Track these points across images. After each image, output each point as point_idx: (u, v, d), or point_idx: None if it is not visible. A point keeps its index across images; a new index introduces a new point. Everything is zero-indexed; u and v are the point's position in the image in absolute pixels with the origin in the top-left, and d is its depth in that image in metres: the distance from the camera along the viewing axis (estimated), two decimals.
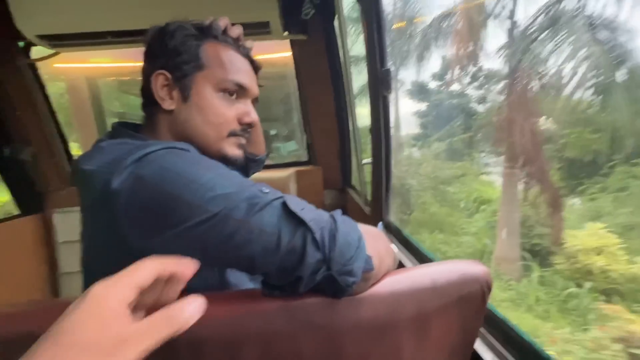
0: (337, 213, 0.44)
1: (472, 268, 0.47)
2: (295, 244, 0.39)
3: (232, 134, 0.57)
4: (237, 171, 0.68)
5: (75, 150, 1.96)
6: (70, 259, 1.67)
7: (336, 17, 1.18)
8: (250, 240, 0.39)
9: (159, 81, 0.54)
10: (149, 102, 0.56)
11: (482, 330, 0.59)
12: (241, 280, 0.55)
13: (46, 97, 1.60)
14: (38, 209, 1.66)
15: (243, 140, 0.59)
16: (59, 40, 1.27)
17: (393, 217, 1.14)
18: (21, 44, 1.47)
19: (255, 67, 0.62)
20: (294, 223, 0.40)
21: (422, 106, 10.67)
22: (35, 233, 1.63)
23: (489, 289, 0.47)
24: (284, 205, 0.41)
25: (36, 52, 1.52)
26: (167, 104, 0.54)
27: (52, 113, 1.64)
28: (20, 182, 1.61)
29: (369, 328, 0.45)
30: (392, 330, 0.46)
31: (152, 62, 0.56)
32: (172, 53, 0.54)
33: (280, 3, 1.27)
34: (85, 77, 2.56)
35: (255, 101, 0.61)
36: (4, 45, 1.43)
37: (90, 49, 1.34)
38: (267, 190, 0.42)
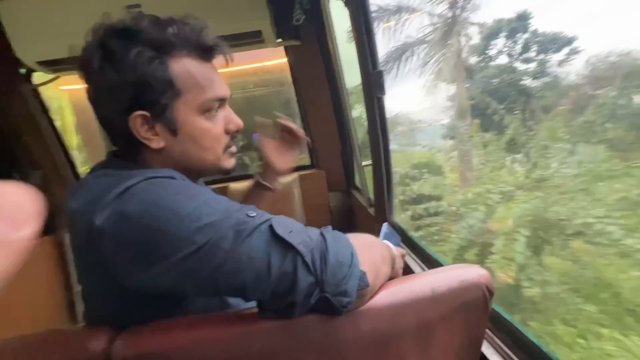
0: (327, 230, 0.43)
1: (472, 273, 0.46)
2: (286, 269, 0.38)
3: (226, 149, 0.55)
4: None
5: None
6: None
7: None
8: (241, 268, 0.38)
9: (138, 122, 0.47)
10: (128, 140, 0.49)
11: (489, 332, 0.58)
12: (241, 300, 0.54)
13: (50, 121, 1.64)
14: (50, 230, 1.69)
15: (234, 149, 0.57)
16: (57, 65, 1.30)
17: (397, 218, 1.13)
18: (23, 71, 1.51)
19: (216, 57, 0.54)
20: (283, 247, 0.39)
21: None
22: (49, 255, 1.67)
23: (491, 293, 0.46)
24: (271, 229, 0.40)
25: (37, 77, 1.56)
26: (156, 143, 0.49)
27: (57, 135, 1.67)
28: None
29: (371, 341, 0.44)
30: (394, 342, 0.45)
31: (114, 99, 0.47)
32: (140, 87, 0.46)
33: (270, 11, 1.27)
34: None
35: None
36: (6, 74, 1.47)
37: None
38: (253, 214, 0.41)
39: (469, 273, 0.47)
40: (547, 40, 7.28)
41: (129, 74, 0.45)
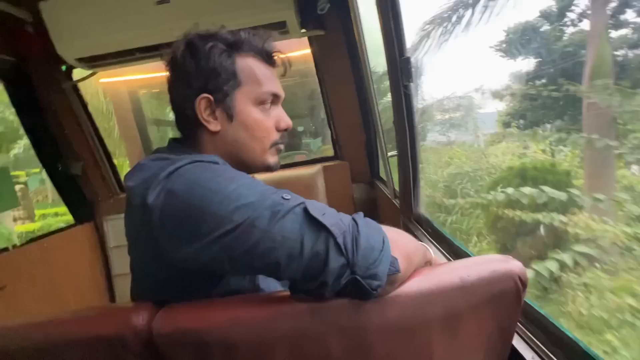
0: (359, 216, 0.44)
1: (504, 264, 0.45)
2: (318, 250, 0.40)
3: (274, 144, 0.59)
4: None
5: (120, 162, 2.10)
6: (121, 262, 1.82)
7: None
8: (275, 247, 0.40)
9: (203, 105, 0.54)
10: (191, 123, 0.56)
11: (521, 326, 0.56)
12: (272, 285, 0.56)
13: (89, 115, 1.74)
14: (90, 217, 1.81)
15: (282, 147, 0.61)
16: (95, 61, 1.37)
17: (423, 210, 1.11)
18: (64, 67, 1.60)
19: (278, 66, 0.62)
20: (316, 228, 0.40)
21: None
22: (89, 240, 1.79)
23: (525, 285, 0.44)
24: (305, 211, 0.41)
25: (76, 74, 1.65)
26: (214, 126, 0.55)
27: (95, 129, 1.77)
28: (73, 194, 1.77)
29: (397, 328, 0.44)
30: (420, 330, 0.45)
31: (188, 84, 0.55)
32: (210, 74, 0.54)
33: (295, 1, 1.26)
34: (127, 90, 2.75)
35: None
36: (49, 71, 1.57)
37: (122, 65, 1.44)
38: (288, 197, 0.43)
39: (500, 263, 0.45)
40: None
41: (203, 62, 0.54)
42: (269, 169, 0.60)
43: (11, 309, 1.27)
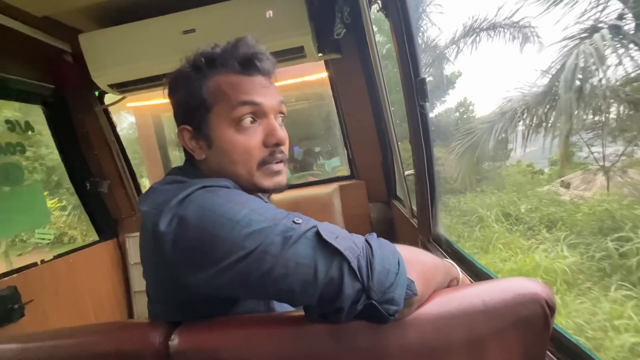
0: (373, 237, 0.43)
1: (529, 287, 0.43)
2: (332, 275, 0.39)
3: (262, 163, 0.53)
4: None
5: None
6: (141, 279, 1.85)
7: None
8: (288, 274, 0.39)
9: (185, 136, 0.55)
10: (187, 152, 0.57)
11: (550, 355, 0.52)
12: (287, 309, 0.55)
13: (117, 137, 1.83)
14: (113, 235, 1.87)
15: (276, 167, 0.54)
16: (125, 87, 1.46)
17: (442, 229, 1.08)
18: (96, 93, 1.72)
19: (264, 72, 0.55)
20: (330, 253, 0.40)
21: None
22: (112, 256, 1.84)
23: (552, 310, 0.42)
24: (318, 235, 0.41)
25: (107, 98, 1.76)
26: (198, 155, 0.55)
27: (123, 150, 1.86)
28: (98, 212, 1.84)
29: (417, 352, 0.43)
30: (442, 355, 0.43)
31: (175, 117, 0.57)
32: (182, 105, 0.55)
33: (312, 27, 1.32)
34: (151, 114, 2.91)
35: (281, 115, 0.57)
36: (84, 96, 1.68)
37: (149, 90, 1.52)
38: (299, 221, 0.42)
39: (525, 286, 0.43)
40: None
41: (176, 95, 0.55)
42: (266, 191, 0.55)
43: (36, 322, 1.31)
